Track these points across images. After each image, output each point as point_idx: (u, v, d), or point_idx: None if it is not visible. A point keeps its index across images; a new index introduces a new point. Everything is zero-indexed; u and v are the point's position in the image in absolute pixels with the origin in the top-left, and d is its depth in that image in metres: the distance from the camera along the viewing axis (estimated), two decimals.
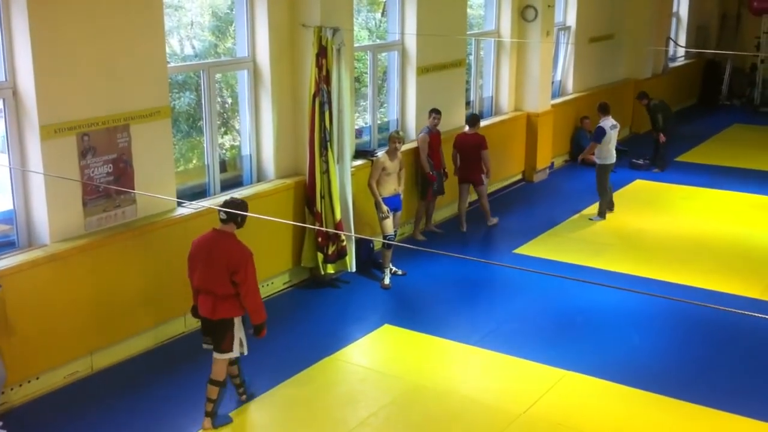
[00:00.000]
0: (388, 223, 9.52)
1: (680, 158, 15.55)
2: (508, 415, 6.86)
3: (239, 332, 6.55)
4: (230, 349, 6.53)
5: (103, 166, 7.49)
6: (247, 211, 6.56)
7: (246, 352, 6.69)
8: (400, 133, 9.97)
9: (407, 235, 11.02)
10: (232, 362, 6.82)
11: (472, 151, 11.16)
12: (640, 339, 8.31)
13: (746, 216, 12.23)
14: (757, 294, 9.29)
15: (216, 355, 6.56)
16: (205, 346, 6.67)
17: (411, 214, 10.99)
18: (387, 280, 9.46)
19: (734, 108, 20.62)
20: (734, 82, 21.20)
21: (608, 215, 11.93)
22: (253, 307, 6.50)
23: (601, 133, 11.48)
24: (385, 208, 9.45)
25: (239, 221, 6.52)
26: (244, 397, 7.07)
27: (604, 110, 11.81)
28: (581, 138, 14.89)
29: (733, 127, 18.51)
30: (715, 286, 9.49)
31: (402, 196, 9.82)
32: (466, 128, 11.42)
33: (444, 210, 11.76)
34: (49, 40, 6.90)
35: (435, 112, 10.66)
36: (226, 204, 6.55)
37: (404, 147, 10.12)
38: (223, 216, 6.44)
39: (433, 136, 10.69)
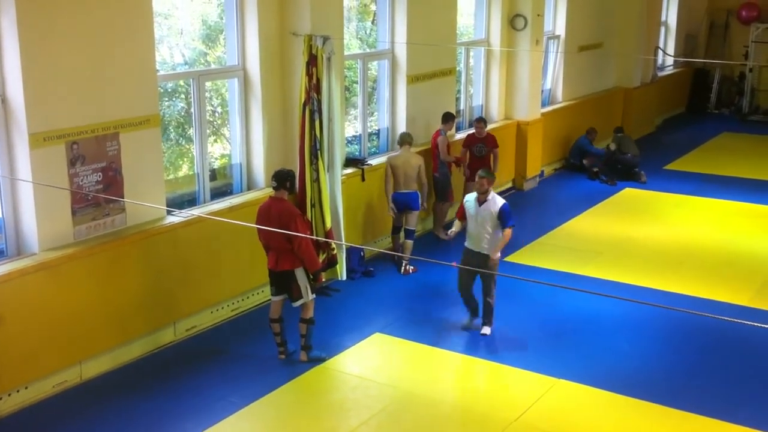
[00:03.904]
0: None
1: (669, 166, 15.62)
2: (500, 423, 6.86)
3: (303, 281, 7.62)
4: (301, 296, 7.66)
5: (93, 174, 7.47)
6: (295, 179, 7.85)
7: (311, 298, 7.73)
8: None
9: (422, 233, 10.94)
10: (274, 320, 7.79)
11: None
12: (630, 347, 8.33)
13: (735, 224, 12.28)
14: (746, 301, 9.32)
15: (294, 304, 7.70)
16: (272, 296, 7.86)
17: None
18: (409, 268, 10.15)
19: (723, 116, 20.72)
20: (723, 90, 21.31)
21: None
22: (306, 258, 7.53)
23: None
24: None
25: (288, 186, 7.63)
26: (282, 356, 7.87)
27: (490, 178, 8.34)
28: (584, 144, 14.87)
29: (722, 135, 18.60)
30: (704, 293, 9.52)
31: None
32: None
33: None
34: (38, 47, 6.88)
35: (452, 119, 11.16)
36: (276, 173, 7.64)
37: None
38: (274, 184, 7.57)
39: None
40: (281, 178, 7.57)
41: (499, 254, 8.19)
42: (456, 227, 8.57)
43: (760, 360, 8.07)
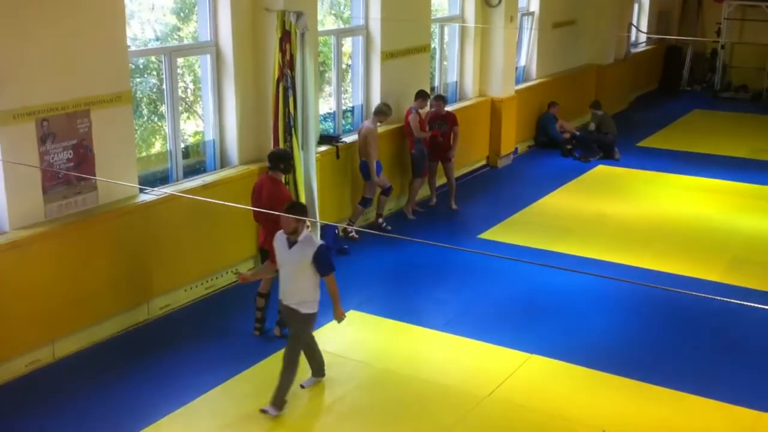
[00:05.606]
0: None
1: (641, 143, 15.73)
2: (473, 398, 6.91)
3: None
4: None
5: (63, 152, 7.38)
6: (290, 159, 7.93)
7: None
8: None
9: (395, 211, 10.97)
10: (263, 295, 7.83)
11: None
12: (602, 322, 8.41)
13: (706, 200, 12.41)
14: (717, 277, 9.44)
15: None
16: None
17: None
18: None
19: (695, 93, 20.87)
20: (695, 67, 21.46)
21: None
22: None
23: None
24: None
25: (283, 168, 7.68)
26: (258, 333, 7.91)
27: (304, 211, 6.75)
28: (547, 121, 15.00)
29: (694, 112, 18.74)
30: (676, 269, 9.63)
31: None
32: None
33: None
34: (6, 23, 6.77)
35: (424, 96, 11.10)
36: (270, 154, 7.77)
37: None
38: (269, 164, 7.68)
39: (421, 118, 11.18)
40: (275, 160, 7.65)
41: (343, 313, 6.79)
42: (265, 271, 7.39)
43: (730, 334, 8.18)
